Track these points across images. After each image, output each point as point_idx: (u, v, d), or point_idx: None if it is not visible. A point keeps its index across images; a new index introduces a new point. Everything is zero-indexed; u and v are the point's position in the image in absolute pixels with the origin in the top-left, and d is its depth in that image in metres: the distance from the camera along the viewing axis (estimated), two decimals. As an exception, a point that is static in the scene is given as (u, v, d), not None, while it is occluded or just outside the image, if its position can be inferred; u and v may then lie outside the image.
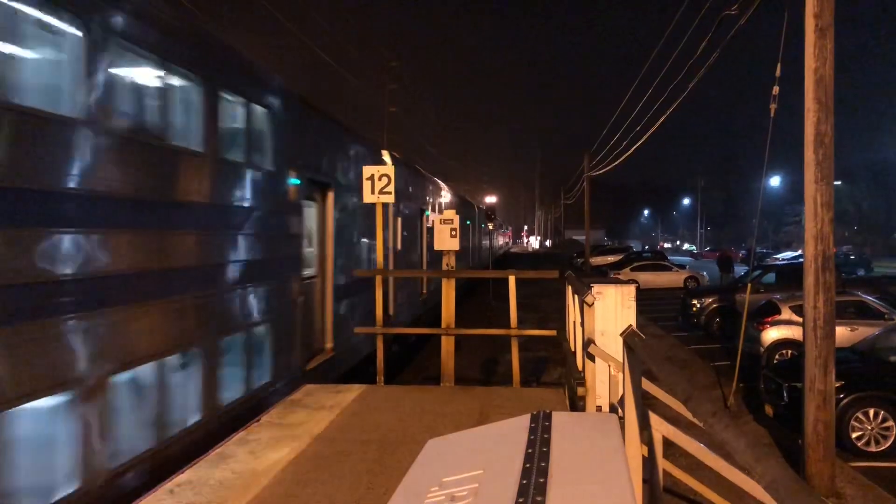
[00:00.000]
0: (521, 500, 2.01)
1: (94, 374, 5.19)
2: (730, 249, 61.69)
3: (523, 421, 2.71)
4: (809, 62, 8.67)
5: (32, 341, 4.59)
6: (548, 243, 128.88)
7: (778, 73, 10.24)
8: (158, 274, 6.22)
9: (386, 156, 14.44)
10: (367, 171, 9.70)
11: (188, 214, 6.84)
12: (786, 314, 15.41)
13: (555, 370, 15.67)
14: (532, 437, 2.52)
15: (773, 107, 10.52)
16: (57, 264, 4.84)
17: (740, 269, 35.52)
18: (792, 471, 1.53)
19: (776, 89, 10.35)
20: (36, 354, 4.63)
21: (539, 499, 1.99)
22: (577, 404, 7.50)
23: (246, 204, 8.10)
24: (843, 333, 12.79)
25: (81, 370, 5.07)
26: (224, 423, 7.25)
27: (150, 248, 6.11)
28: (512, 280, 9.14)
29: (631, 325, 3.46)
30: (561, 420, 2.67)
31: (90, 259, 5.23)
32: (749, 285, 15.87)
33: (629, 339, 3.11)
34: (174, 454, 6.30)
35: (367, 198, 9.66)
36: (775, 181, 72.86)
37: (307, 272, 10.37)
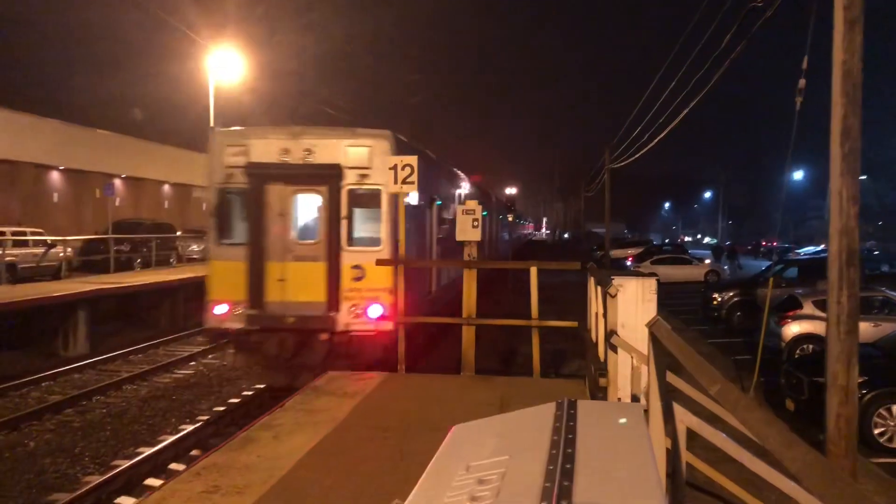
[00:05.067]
0: (547, 484, 2.02)
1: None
2: (725, 244, 63.74)
3: (549, 409, 2.72)
4: (838, 55, 8.56)
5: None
6: (566, 235, 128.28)
7: (805, 65, 10.12)
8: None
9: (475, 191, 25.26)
10: (391, 160, 9.73)
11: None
12: (808, 309, 15.28)
13: (573, 362, 15.65)
14: (557, 425, 2.53)
15: (798, 100, 10.39)
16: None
17: (758, 263, 35.11)
18: (823, 457, 1.54)
19: (802, 82, 10.22)
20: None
21: (566, 484, 2.01)
22: (596, 395, 7.51)
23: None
24: (866, 329, 12.65)
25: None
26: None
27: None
28: (534, 271, 9.15)
29: (658, 316, 3.47)
30: (586, 409, 2.69)
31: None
32: (771, 280, 15.73)
33: (655, 330, 3.12)
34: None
35: (391, 188, 9.69)
36: (798, 175, 71.97)
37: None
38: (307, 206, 12.01)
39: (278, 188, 11.42)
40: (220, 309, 11.52)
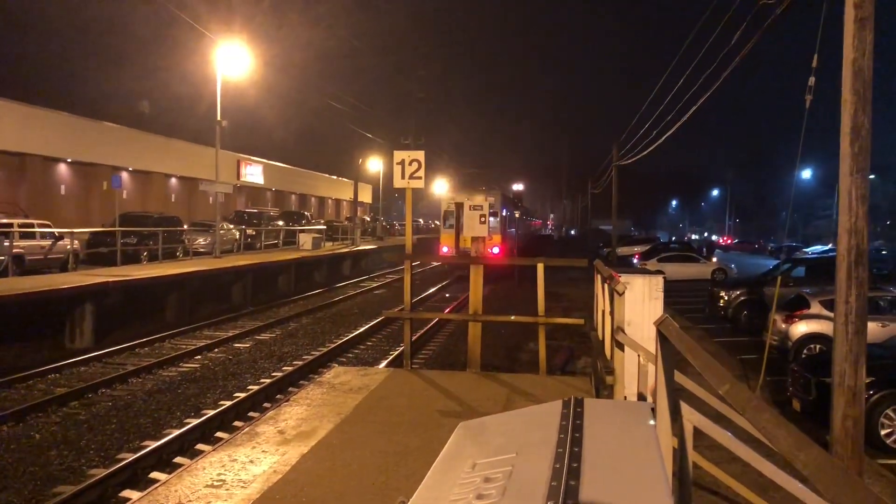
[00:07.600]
0: (554, 483, 2.00)
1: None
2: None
3: (555, 406, 2.70)
4: (848, 53, 8.51)
5: None
6: (572, 232, 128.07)
7: (814, 63, 10.06)
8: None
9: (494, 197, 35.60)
10: (398, 155, 9.71)
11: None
12: (815, 308, 15.21)
13: (579, 360, 15.64)
14: (564, 423, 2.51)
15: (808, 98, 10.32)
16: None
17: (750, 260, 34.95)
18: (836, 460, 1.52)
19: (812, 80, 10.15)
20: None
21: (573, 483, 1.99)
22: (602, 393, 7.49)
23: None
24: (873, 329, 12.61)
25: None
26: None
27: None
28: (540, 268, 9.12)
29: (666, 314, 3.45)
30: (593, 407, 2.67)
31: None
32: (779, 279, 15.67)
33: (664, 328, 3.10)
34: None
35: (398, 182, 9.67)
36: (807, 174, 71.76)
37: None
38: (473, 216, 27.71)
39: (465, 210, 27.50)
40: (444, 250, 31.23)
